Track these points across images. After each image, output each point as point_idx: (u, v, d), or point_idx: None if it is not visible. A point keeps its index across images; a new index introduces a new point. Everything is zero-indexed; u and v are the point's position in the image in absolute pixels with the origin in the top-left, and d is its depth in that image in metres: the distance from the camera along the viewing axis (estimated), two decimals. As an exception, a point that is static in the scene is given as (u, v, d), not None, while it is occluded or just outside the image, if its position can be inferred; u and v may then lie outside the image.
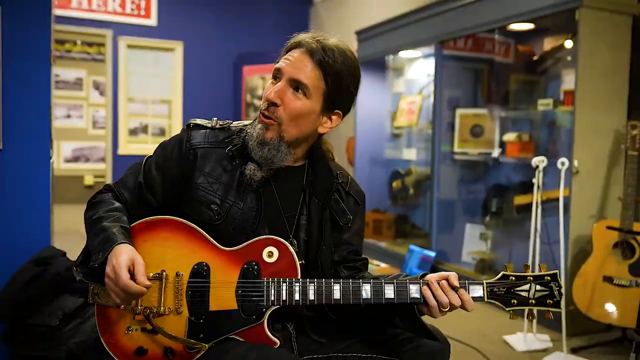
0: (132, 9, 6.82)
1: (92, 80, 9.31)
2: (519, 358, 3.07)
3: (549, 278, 1.31)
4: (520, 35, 4.57)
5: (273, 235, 1.35)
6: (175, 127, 7.21)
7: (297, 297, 1.28)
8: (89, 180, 9.31)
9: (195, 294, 1.31)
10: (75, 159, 9.35)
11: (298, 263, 1.31)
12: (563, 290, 1.33)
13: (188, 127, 1.45)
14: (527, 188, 4.18)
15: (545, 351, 3.15)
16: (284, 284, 1.28)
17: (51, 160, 2.55)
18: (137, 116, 7.28)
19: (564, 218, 3.17)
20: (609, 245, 3.14)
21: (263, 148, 1.35)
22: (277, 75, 1.38)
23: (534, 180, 3.28)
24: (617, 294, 3.03)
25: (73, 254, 2.15)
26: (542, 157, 3.27)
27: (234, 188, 1.39)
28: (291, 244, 1.37)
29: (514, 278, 1.31)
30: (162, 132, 7.50)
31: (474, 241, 4.67)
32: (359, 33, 5.66)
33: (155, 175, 1.43)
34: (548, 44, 4.42)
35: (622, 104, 3.49)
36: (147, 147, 7.24)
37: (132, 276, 1.23)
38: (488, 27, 4.13)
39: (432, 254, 4.53)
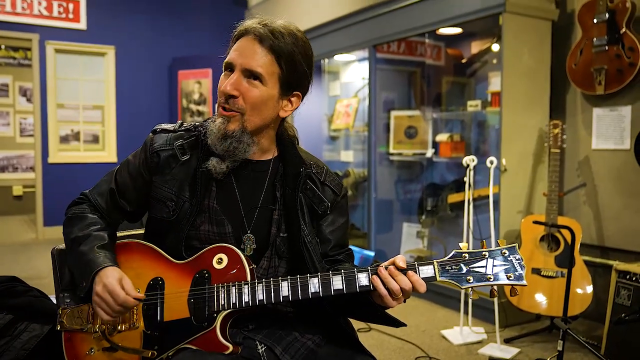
0: (59, 12, 6.58)
1: (19, 86, 8.94)
2: (456, 351, 3.17)
3: (506, 252, 1.23)
4: (450, 39, 4.73)
5: (231, 232, 1.38)
6: (109, 134, 7.01)
7: (246, 298, 1.27)
8: (17, 190, 8.92)
9: (150, 307, 1.33)
10: (3, 169, 8.94)
11: (247, 268, 1.30)
12: (524, 263, 1.24)
13: (154, 132, 1.46)
14: (460, 186, 4.33)
15: (481, 342, 3.27)
16: (233, 287, 1.28)
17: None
18: (68, 123, 7.01)
19: (494, 214, 3.30)
20: (536, 239, 3.30)
21: (225, 141, 1.33)
22: (229, 67, 1.36)
23: (466, 179, 3.41)
24: (545, 285, 3.19)
25: (0, 267, 2.07)
26: (472, 156, 3.40)
27: (187, 184, 1.39)
28: (249, 239, 1.39)
29: (467, 255, 1.23)
30: (95, 139, 7.26)
31: (411, 240, 4.79)
32: (294, 37, 5.68)
33: (126, 181, 1.47)
34: (475, 47, 4.60)
35: (544, 105, 3.69)
36: (79, 154, 6.98)
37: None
38: (419, 31, 4.25)
39: (371, 253, 4.61)
